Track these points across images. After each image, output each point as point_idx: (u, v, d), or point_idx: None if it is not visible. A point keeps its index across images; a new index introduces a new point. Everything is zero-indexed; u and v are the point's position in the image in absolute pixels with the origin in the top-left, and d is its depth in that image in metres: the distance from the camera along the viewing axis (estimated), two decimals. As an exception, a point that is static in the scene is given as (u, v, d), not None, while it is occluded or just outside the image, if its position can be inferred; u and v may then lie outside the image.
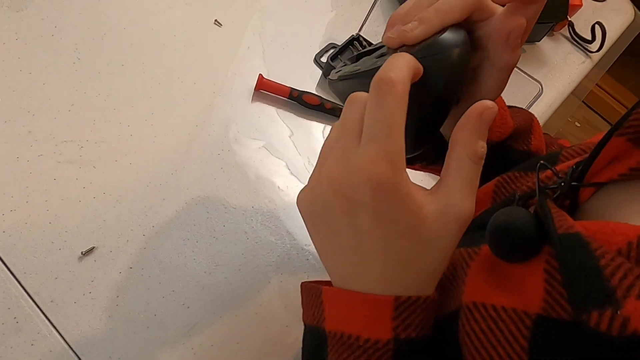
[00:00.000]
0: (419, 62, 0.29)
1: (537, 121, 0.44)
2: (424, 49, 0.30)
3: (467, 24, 0.32)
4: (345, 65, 0.41)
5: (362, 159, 0.26)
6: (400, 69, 0.26)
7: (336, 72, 0.40)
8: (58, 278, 0.47)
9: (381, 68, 0.27)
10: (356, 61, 0.40)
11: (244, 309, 0.51)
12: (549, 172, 0.31)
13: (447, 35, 0.30)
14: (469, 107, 0.27)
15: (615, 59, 1.05)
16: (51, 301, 0.46)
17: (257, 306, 0.51)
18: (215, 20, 0.70)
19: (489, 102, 0.27)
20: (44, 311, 0.45)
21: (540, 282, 0.25)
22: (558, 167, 0.31)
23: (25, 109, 0.54)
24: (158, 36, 0.65)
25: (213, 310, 0.50)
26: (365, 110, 0.27)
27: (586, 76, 0.94)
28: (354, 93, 0.29)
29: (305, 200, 0.29)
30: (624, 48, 1.06)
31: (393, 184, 0.25)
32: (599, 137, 0.35)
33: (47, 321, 0.45)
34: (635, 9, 1.08)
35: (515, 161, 0.42)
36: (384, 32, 0.34)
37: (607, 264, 0.22)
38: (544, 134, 0.45)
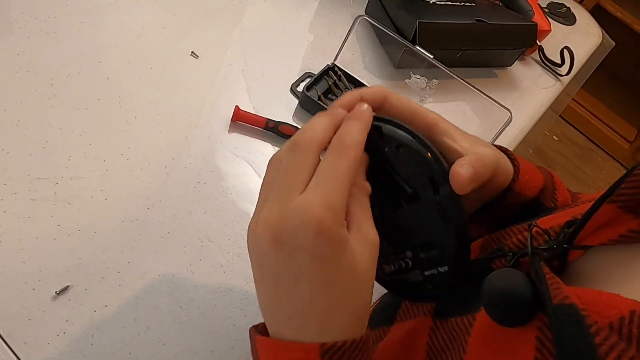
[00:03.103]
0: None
1: (557, 177, 0.44)
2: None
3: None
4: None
5: (302, 203, 0.27)
6: (356, 137, 0.30)
7: None
8: (31, 319, 0.46)
9: (340, 131, 0.30)
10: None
11: (220, 344, 0.51)
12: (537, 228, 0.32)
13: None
14: None
15: (589, 75, 1.09)
16: (24, 343, 0.45)
17: (233, 341, 0.51)
18: (192, 52, 0.71)
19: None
20: (17, 353, 0.45)
21: (531, 351, 0.25)
22: (547, 222, 0.32)
23: (-1, 146, 0.54)
24: (134, 69, 0.66)
25: (189, 347, 0.50)
26: (320, 164, 0.29)
27: (563, 91, 0.97)
28: (309, 142, 0.30)
29: (250, 247, 0.30)
30: (594, 68, 1.09)
31: (332, 229, 0.27)
32: (598, 194, 0.36)
33: (20, 363, 0.45)
34: (603, 31, 1.12)
35: None
36: None
37: (601, 342, 0.22)
38: (567, 190, 0.45)
